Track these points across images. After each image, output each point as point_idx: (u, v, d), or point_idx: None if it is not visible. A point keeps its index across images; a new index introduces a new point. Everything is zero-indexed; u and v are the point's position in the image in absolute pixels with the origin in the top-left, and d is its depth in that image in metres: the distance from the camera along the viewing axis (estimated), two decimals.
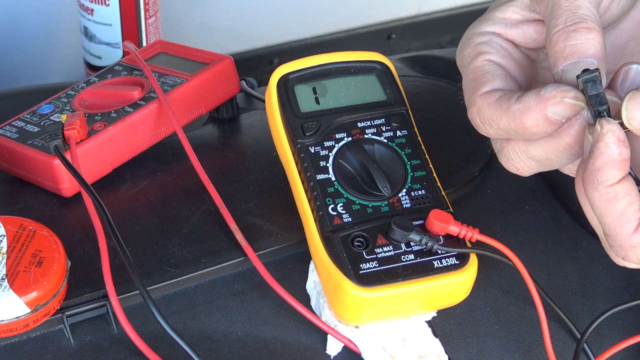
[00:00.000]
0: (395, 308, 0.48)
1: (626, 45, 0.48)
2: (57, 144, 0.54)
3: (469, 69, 0.45)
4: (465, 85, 0.45)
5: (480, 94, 0.44)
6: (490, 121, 0.43)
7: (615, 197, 0.39)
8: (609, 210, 0.39)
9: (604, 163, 0.39)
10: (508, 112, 0.42)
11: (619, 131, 0.39)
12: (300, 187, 0.50)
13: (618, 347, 0.50)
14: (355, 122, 0.52)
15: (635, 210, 0.39)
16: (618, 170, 0.39)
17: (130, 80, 0.62)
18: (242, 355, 0.49)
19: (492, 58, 0.45)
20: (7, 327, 0.46)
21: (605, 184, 0.39)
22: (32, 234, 0.48)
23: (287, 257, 0.54)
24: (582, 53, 0.40)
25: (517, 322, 0.52)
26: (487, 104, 0.43)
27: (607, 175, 0.39)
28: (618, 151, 0.39)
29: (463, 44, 0.47)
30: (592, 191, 0.40)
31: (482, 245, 0.48)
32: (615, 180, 0.39)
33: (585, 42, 0.40)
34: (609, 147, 0.39)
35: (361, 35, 1.07)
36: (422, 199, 0.50)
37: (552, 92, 0.40)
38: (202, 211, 0.56)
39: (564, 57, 0.41)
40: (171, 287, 0.51)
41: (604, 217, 0.40)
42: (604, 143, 0.39)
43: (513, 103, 0.42)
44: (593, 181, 0.39)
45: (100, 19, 0.76)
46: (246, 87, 0.69)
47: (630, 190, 0.39)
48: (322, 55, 0.55)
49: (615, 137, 0.39)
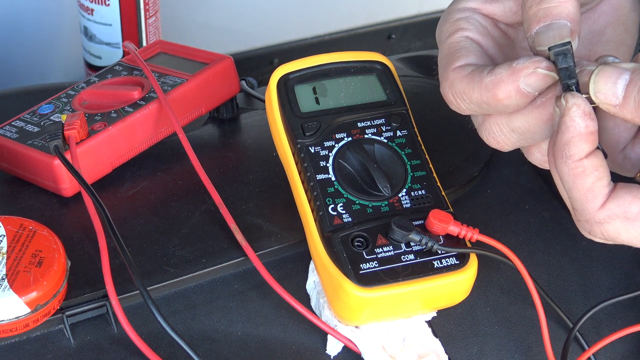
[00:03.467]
0: (395, 308, 0.48)
1: (603, 31, 0.48)
2: (57, 144, 0.54)
3: (446, 44, 0.46)
4: (440, 59, 0.46)
5: (453, 68, 0.44)
6: (462, 95, 0.43)
7: (583, 172, 0.39)
8: (577, 185, 0.40)
9: (571, 137, 0.39)
10: (480, 84, 0.42)
11: (584, 104, 0.39)
12: (300, 187, 0.50)
13: (611, 338, 0.50)
14: (355, 122, 0.52)
15: (603, 186, 0.39)
16: (585, 143, 0.39)
17: (130, 80, 0.62)
18: (242, 355, 0.48)
19: (469, 35, 0.46)
20: (7, 327, 0.46)
21: (574, 158, 0.39)
22: (32, 234, 0.48)
23: (287, 257, 0.54)
24: (555, 15, 0.41)
25: (517, 322, 0.52)
26: (460, 78, 0.43)
27: (574, 149, 0.39)
28: (584, 124, 0.39)
29: (443, 20, 0.47)
30: (561, 165, 0.40)
31: (482, 245, 0.48)
32: (584, 154, 0.39)
33: (558, 5, 0.41)
34: (575, 121, 0.39)
35: (361, 35, 1.07)
36: (422, 199, 0.50)
37: (525, 63, 0.41)
38: (202, 211, 0.56)
39: (537, 20, 0.41)
40: (171, 287, 0.51)
41: (572, 192, 0.40)
42: (569, 117, 0.39)
43: (485, 75, 0.42)
44: (562, 155, 0.39)
45: (100, 19, 0.76)
46: (246, 87, 0.69)
47: (599, 166, 0.39)
48: (322, 55, 0.55)
49: (580, 110, 0.39)
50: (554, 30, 0.40)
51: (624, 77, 0.38)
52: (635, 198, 0.39)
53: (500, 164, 0.62)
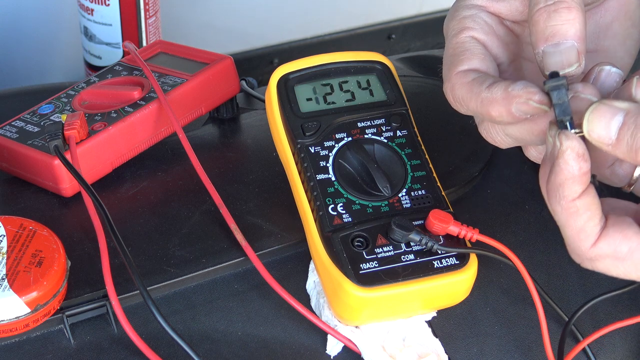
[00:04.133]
0: (395, 308, 0.48)
1: (610, 25, 0.49)
2: (57, 144, 0.54)
3: (451, 42, 0.47)
4: (445, 58, 0.47)
5: (456, 72, 0.45)
6: (461, 101, 0.45)
7: (576, 212, 0.40)
8: (570, 224, 0.41)
9: (565, 179, 0.40)
10: (477, 97, 0.43)
11: (579, 146, 0.39)
12: (300, 187, 0.50)
13: (605, 330, 0.51)
14: (355, 122, 0.52)
15: (594, 225, 0.40)
16: (579, 185, 0.40)
17: (130, 80, 0.62)
18: (242, 355, 0.48)
19: (475, 34, 0.47)
20: (7, 327, 0.46)
21: (567, 199, 0.40)
22: (32, 234, 0.48)
23: (287, 257, 0.54)
24: (562, 34, 0.41)
25: (517, 322, 0.52)
26: (460, 84, 0.44)
27: (568, 190, 0.40)
28: (577, 167, 0.39)
29: (450, 16, 0.48)
30: (554, 205, 0.41)
31: (482, 245, 0.48)
32: (577, 195, 0.40)
33: (565, 23, 0.41)
34: (569, 164, 0.39)
35: (361, 35, 1.07)
36: (422, 199, 0.50)
37: (519, 92, 0.41)
38: (202, 211, 0.56)
39: (545, 39, 0.42)
40: (171, 287, 0.51)
41: (564, 229, 0.41)
42: (563, 160, 0.39)
43: (483, 90, 0.43)
44: (555, 195, 0.40)
45: (100, 19, 0.76)
46: (246, 87, 0.69)
47: (591, 205, 0.40)
48: (322, 55, 0.55)
49: (574, 153, 0.39)
50: (562, 54, 0.41)
51: (617, 118, 0.39)
52: (625, 238, 0.40)
53: (500, 164, 0.62)
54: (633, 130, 0.38)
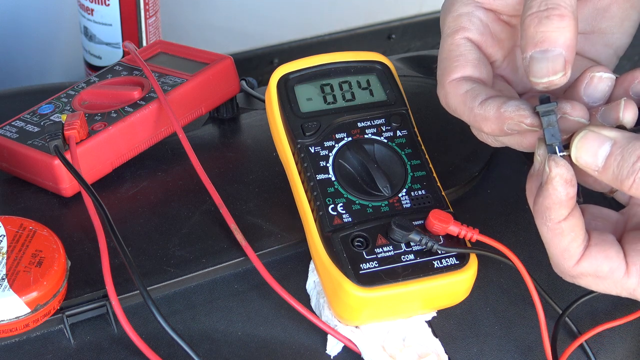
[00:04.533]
0: (395, 308, 0.48)
1: (608, 8, 0.49)
2: (57, 144, 0.54)
3: (447, 42, 0.48)
4: (440, 59, 0.48)
5: (449, 80, 0.46)
6: (454, 111, 0.46)
7: (561, 233, 0.42)
8: (554, 243, 0.42)
9: (552, 203, 0.41)
10: (470, 112, 0.45)
11: (567, 172, 0.41)
12: (300, 187, 0.50)
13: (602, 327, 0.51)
14: (355, 122, 0.52)
15: (577, 246, 0.42)
16: (565, 209, 0.41)
17: (130, 80, 0.62)
18: (242, 355, 0.49)
19: (469, 35, 0.47)
20: (7, 327, 0.46)
21: (554, 222, 0.41)
22: (32, 234, 0.48)
23: (287, 257, 0.54)
24: (551, 42, 0.41)
25: (517, 322, 0.52)
26: (454, 95, 0.46)
27: (555, 214, 0.41)
28: (565, 192, 0.41)
29: (447, 9, 0.49)
30: (541, 225, 0.42)
31: (482, 245, 0.48)
32: (562, 218, 0.41)
33: (555, 31, 0.41)
34: (557, 190, 0.41)
35: (361, 35, 1.07)
36: (422, 199, 0.50)
37: (511, 114, 0.43)
38: (202, 211, 0.56)
39: (534, 44, 0.42)
40: (171, 287, 0.51)
41: (549, 247, 0.43)
42: (552, 186, 0.41)
43: (476, 106, 0.44)
44: (542, 217, 0.42)
45: (100, 19, 0.76)
46: (246, 87, 0.69)
47: (576, 226, 0.42)
48: (322, 55, 0.55)
49: (562, 180, 0.41)
50: (549, 62, 0.42)
51: (604, 147, 0.40)
52: (606, 258, 0.42)
53: (500, 164, 0.62)
54: (619, 161, 0.39)
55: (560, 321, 0.51)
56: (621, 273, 0.42)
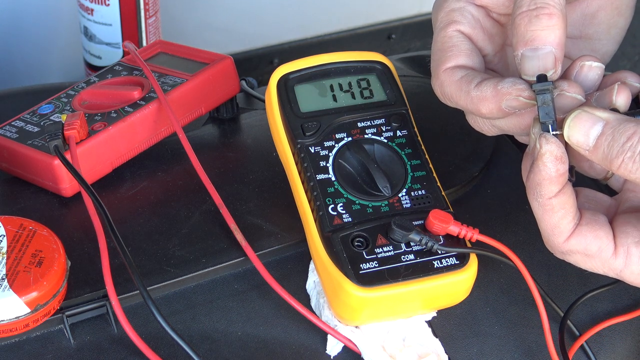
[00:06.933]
0: (395, 308, 0.48)
1: (595, 14, 0.50)
2: (57, 144, 0.54)
3: (439, 35, 0.49)
4: (433, 52, 0.49)
5: (444, 69, 0.47)
6: (450, 98, 0.47)
7: (551, 209, 0.42)
8: (545, 220, 0.43)
9: (542, 179, 0.42)
10: (467, 95, 0.45)
11: (557, 149, 0.41)
12: (300, 187, 0.50)
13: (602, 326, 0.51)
14: (355, 122, 0.52)
15: (568, 222, 0.43)
16: (555, 185, 0.42)
17: (130, 80, 0.62)
18: (242, 355, 0.49)
19: (461, 28, 0.48)
20: (7, 327, 0.46)
21: (544, 197, 0.42)
22: (32, 234, 0.48)
23: (287, 257, 0.54)
24: (541, 40, 0.42)
25: (517, 322, 0.52)
26: (449, 82, 0.46)
27: (545, 190, 0.42)
28: (555, 169, 0.41)
29: (438, 5, 0.50)
30: (532, 201, 0.43)
31: (482, 245, 0.48)
32: (553, 194, 0.42)
33: (545, 29, 0.42)
34: (547, 166, 0.41)
35: (361, 35, 1.07)
36: (422, 199, 0.50)
37: (509, 89, 0.43)
38: (202, 211, 0.56)
39: (525, 42, 0.43)
40: (171, 287, 0.51)
41: (540, 223, 0.44)
42: (542, 162, 0.42)
43: (472, 89, 0.45)
44: (533, 192, 0.43)
45: (100, 19, 0.76)
46: (246, 87, 0.69)
47: (566, 203, 0.42)
48: (322, 55, 0.55)
49: (552, 156, 0.41)
50: (539, 59, 0.43)
51: (596, 127, 0.41)
52: (596, 237, 0.43)
53: (500, 164, 0.62)
54: (610, 141, 0.40)
55: (564, 324, 0.51)
56: (609, 253, 0.43)
